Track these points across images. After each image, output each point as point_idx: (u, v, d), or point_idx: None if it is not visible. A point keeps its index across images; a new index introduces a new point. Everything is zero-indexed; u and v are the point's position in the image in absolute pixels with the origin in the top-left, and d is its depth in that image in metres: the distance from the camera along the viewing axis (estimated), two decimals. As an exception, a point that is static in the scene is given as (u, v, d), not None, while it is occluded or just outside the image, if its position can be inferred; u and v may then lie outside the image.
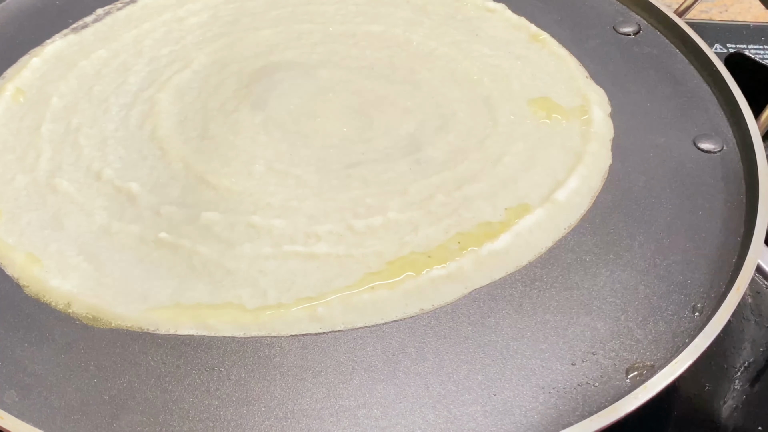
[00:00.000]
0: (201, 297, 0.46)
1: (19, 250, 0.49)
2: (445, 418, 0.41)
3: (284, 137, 0.56)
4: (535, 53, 0.64)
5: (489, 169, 0.53)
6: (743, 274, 0.46)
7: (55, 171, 0.54)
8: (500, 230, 0.49)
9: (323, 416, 0.41)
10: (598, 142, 0.56)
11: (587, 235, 0.50)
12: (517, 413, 0.41)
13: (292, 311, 0.45)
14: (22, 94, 0.60)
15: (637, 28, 0.67)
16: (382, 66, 0.62)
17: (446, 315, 0.46)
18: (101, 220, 0.50)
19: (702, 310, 0.46)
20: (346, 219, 0.50)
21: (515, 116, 0.58)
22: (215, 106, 0.58)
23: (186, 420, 0.41)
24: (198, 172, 0.53)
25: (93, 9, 0.68)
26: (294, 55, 0.63)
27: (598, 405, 0.41)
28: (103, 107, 0.59)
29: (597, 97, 0.59)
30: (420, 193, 0.51)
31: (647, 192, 0.53)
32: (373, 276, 0.46)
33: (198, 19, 0.67)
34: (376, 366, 0.43)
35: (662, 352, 0.44)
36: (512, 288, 0.47)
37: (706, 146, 0.56)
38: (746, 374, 0.54)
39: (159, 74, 0.61)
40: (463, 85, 0.60)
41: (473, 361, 0.43)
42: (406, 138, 0.56)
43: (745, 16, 0.93)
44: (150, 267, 0.48)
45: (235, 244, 0.48)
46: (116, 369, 0.43)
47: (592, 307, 0.46)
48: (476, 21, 0.67)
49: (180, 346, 0.44)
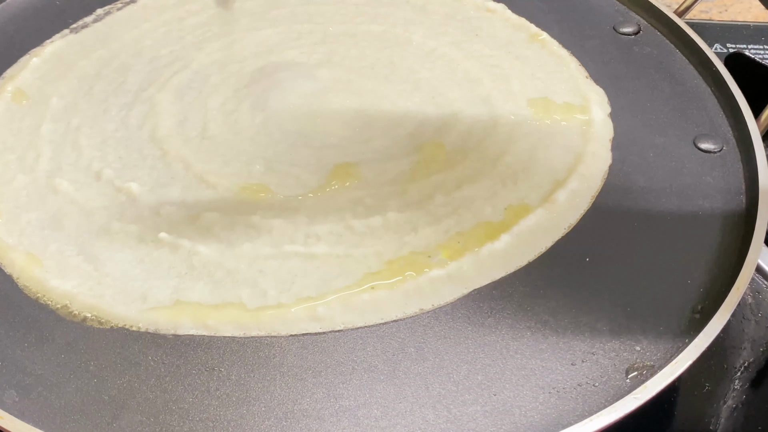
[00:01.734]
0: (201, 297, 0.46)
1: (19, 250, 0.49)
2: (445, 418, 0.41)
3: (284, 137, 0.56)
4: (535, 53, 0.64)
5: (489, 169, 0.53)
6: (743, 274, 0.46)
7: (55, 171, 0.54)
8: (500, 230, 0.49)
9: (323, 416, 0.41)
10: (598, 142, 0.56)
11: (587, 235, 0.50)
12: (517, 413, 0.41)
13: (292, 311, 0.45)
14: (22, 94, 0.60)
15: (637, 28, 0.67)
16: (382, 66, 0.62)
17: (446, 315, 0.46)
18: (101, 220, 0.50)
19: (702, 310, 0.46)
20: (345, 219, 0.50)
21: (515, 116, 0.58)
22: (215, 106, 0.58)
23: (186, 420, 0.41)
24: (198, 172, 0.53)
25: (93, 9, 0.68)
26: (294, 55, 0.63)
27: (598, 405, 0.41)
28: (103, 107, 0.59)
29: (597, 97, 0.59)
30: (420, 193, 0.51)
31: (647, 192, 0.53)
32: (373, 276, 0.47)
33: (198, 19, 0.67)
34: (376, 366, 0.43)
35: (662, 352, 0.44)
36: (512, 288, 0.47)
37: (706, 146, 0.56)
38: (746, 374, 0.54)
39: (159, 74, 0.61)
40: (463, 85, 0.60)
41: (473, 361, 0.43)
42: (406, 138, 0.56)
43: (745, 16, 0.93)
44: (150, 267, 0.48)
45: (235, 244, 0.48)
46: (116, 369, 0.43)
47: (592, 307, 0.46)
48: (476, 21, 0.67)
49: (180, 346, 0.44)
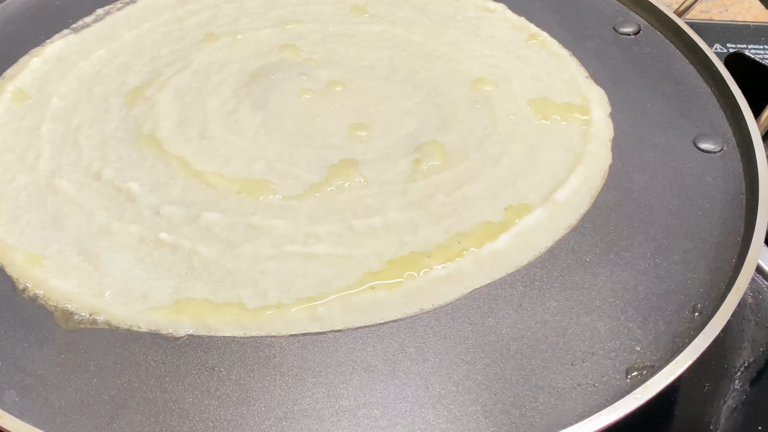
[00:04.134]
0: (201, 297, 0.46)
1: (19, 250, 0.49)
2: (445, 418, 0.41)
3: (284, 137, 0.56)
4: (535, 53, 0.64)
5: (489, 169, 0.53)
6: (743, 274, 0.46)
7: (55, 171, 0.54)
8: (500, 230, 0.49)
9: (323, 416, 0.41)
10: (598, 142, 0.56)
11: (587, 235, 0.50)
12: (517, 413, 0.41)
13: (292, 311, 0.45)
14: (23, 94, 0.60)
15: (637, 28, 0.67)
16: (382, 66, 0.62)
17: (446, 315, 0.46)
18: (101, 220, 0.50)
19: (702, 310, 0.46)
20: (346, 219, 0.50)
21: (515, 116, 0.58)
22: (215, 106, 0.58)
23: (186, 420, 0.41)
24: (198, 172, 0.53)
25: (93, 9, 0.68)
26: (294, 55, 0.63)
27: (598, 405, 0.41)
28: (103, 107, 0.59)
29: (597, 97, 0.59)
30: (420, 193, 0.51)
31: (647, 192, 0.53)
32: (373, 276, 0.46)
33: (198, 19, 0.67)
34: (376, 366, 0.43)
35: (662, 352, 0.44)
36: (512, 288, 0.47)
37: (706, 146, 0.56)
38: (746, 374, 0.54)
39: (159, 74, 0.61)
40: (463, 85, 0.60)
41: (473, 361, 0.43)
42: (406, 138, 0.56)
43: (745, 16, 0.93)
44: (150, 267, 0.48)
45: (235, 244, 0.48)
46: (116, 369, 0.43)
47: (592, 307, 0.46)
48: (476, 21, 0.67)
49: (180, 346, 0.44)
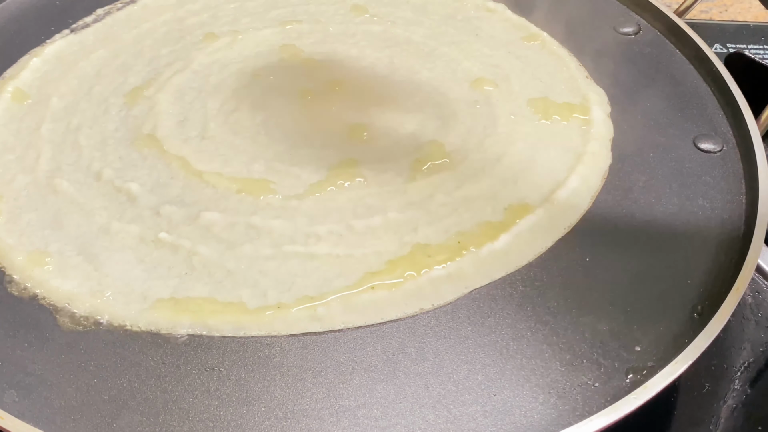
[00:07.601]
0: (201, 297, 0.46)
1: (19, 250, 0.49)
2: (445, 418, 0.41)
3: (284, 137, 0.56)
4: (535, 53, 0.64)
5: (489, 169, 0.53)
6: (743, 274, 0.46)
7: (55, 171, 0.54)
8: (500, 230, 0.49)
9: (323, 416, 0.41)
10: (598, 142, 0.56)
11: (587, 235, 0.50)
12: (517, 413, 0.41)
13: (292, 311, 0.45)
14: (23, 94, 0.60)
15: (637, 28, 0.67)
16: (382, 66, 0.62)
17: (446, 315, 0.46)
18: (101, 220, 0.50)
19: (702, 310, 0.46)
20: (346, 219, 0.50)
21: (515, 116, 0.58)
22: (215, 106, 0.58)
23: (186, 420, 0.41)
24: (198, 172, 0.53)
25: (93, 9, 0.69)
26: (294, 55, 0.63)
27: (598, 405, 0.41)
28: (103, 107, 0.59)
29: (597, 97, 0.59)
30: (420, 193, 0.51)
31: (647, 192, 0.53)
32: (373, 276, 0.46)
33: (198, 19, 0.67)
34: (376, 366, 0.43)
35: (662, 352, 0.44)
36: (512, 288, 0.47)
37: (706, 146, 0.56)
38: (746, 374, 0.54)
39: (159, 74, 0.61)
40: (463, 85, 0.60)
41: (473, 361, 0.43)
42: (406, 138, 0.56)
43: (745, 16, 0.93)
44: (150, 267, 0.48)
45: (235, 244, 0.48)
46: (116, 369, 0.43)
47: (592, 307, 0.46)
48: (476, 21, 0.67)
49: (180, 346, 0.44)
